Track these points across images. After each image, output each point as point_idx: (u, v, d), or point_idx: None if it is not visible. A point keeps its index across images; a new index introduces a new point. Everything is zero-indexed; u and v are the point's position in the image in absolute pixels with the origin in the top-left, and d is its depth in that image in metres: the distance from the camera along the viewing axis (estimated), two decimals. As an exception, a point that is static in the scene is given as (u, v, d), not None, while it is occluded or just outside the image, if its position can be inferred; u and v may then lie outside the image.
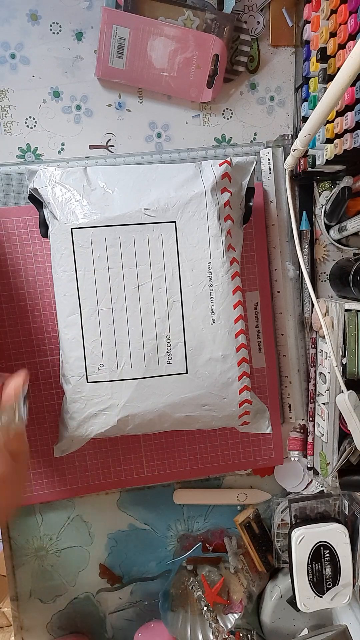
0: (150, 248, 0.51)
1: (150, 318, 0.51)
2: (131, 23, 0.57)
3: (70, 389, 0.53)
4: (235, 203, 0.54)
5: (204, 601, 0.68)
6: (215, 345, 0.52)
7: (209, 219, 0.51)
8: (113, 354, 0.52)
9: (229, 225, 0.53)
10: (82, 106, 0.61)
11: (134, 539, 0.69)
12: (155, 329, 0.52)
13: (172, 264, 0.51)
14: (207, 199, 0.51)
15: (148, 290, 0.51)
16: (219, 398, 0.53)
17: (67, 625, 0.70)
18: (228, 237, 0.53)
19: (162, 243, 0.51)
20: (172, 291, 0.52)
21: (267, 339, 0.65)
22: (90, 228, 0.50)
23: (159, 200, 0.51)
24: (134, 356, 0.52)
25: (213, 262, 0.52)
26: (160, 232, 0.51)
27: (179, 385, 0.52)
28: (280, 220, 0.64)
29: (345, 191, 0.59)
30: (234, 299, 0.53)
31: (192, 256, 0.51)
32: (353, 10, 0.49)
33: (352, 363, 0.57)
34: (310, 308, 0.65)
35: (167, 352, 0.52)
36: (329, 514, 0.68)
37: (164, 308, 0.52)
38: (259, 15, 0.61)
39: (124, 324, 0.51)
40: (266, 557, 0.70)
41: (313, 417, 0.65)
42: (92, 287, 0.51)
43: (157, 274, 0.51)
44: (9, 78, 0.59)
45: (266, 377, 0.65)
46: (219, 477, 0.69)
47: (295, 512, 0.67)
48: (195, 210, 0.51)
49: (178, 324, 0.52)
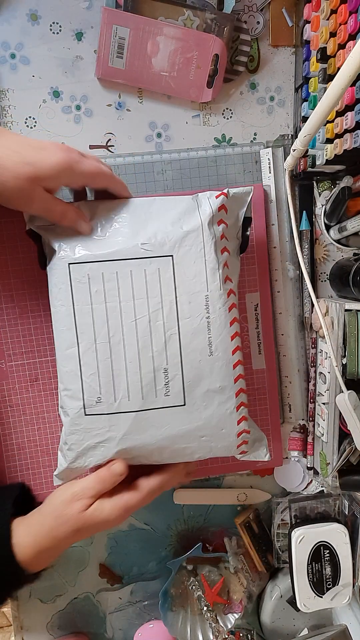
0: (147, 282, 0.51)
1: (148, 351, 0.51)
2: (131, 23, 0.57)
3: (68, 420, 0.53)
4: (231, 234, 0.54)
5: (204, 601, 0.68)
6: (213, 377, 0.52)
7: (205, 252, 0.51)
8: (110, 387, 0.52)
9: (225, 257, 0.53)
10: (82, 106, 0.61)
11: (134, 539, 0.69)
12: (153, 361, 0.51)
13: (169, 297, 0.51)
14: (204, 232, 0.51)
15: (145, 324, 0.51)
16: (217, 429, 0.53)
17: (67, 625, 0.70)
18: (225, 269, 0.53)
19: (159, 277, 0.51)
20: (170, 324, 0.51)
21: (267, 340, 0.65)
22: (88, 263, 0.50)
23: (156, 234, 0.51)
24: (132, 389, 0.52)
25: (210, 294, 0.52)
26: (158, 266, 0.51)
27: (177, 418, 0.52)
28: (280, 220, 0.64)
29: (345, 191, 0.59)
30: (231, 331, 0.53)
31: (189, 289, 0.51)
32: (353, 10, 0.49)
33: (352, 363, 0.57)
34: (310, 308, 0.65)
35: (165, 385, 0.52)
36: (329, 514, 0.68)
37: (161, 341, 0.51)
38: (259, 15, 0.61)
39: (122, 357, 0.51)
40: (266, 557, 0.70)
41: (313, 417, 0.65)
42: (90, 321, 0.51)
43: (155, 307, 0.51)
44: (9, 78, 0.59)
45: (266, 379, 0.65)
46: (219, 477, 0.69)
47: (295, 512, 0.67)
48: (192, 244, 0.51)
49: (175, 356, 0.52)
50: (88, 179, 0.51)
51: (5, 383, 0.62)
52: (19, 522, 0.53)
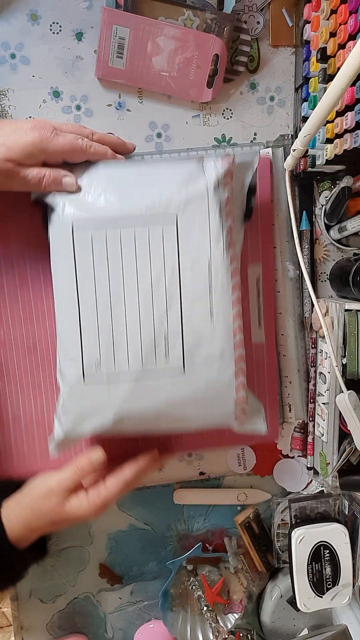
0: (150, 245, 0.50)
1: (149, 316, 0.51)
2: (131, 23, 0.57)
3: (66, 386, 0.52)
4: (236, 200, 0.54)
5: (204, 601, 0.68)
6: (213, 343, 0.52)
7: (210, 216, 0.51)
8: (110, 352, 0.51)
9: (229, 223, 0.52)
10: (82, 106, 0.61)
11: (134, 539, 0.69)
12: (154, 327, 0.51)
13: (172, 261, 0.51)
14: (209, 196, 0.51)
15: (147, 288, 0.51)
16: (215, 397, 0.53)
17: (67, 625, 0.70)
18: (229, 235, 0.52)
19: (162, 240, 0.51)
20: (172, 288, 0.51)
21: (268, 313, 0.63)
22: (91, 225, 0.50)
23: (160, 197, 0.50)
24: (132, 355, 0.51)
25: (213, 259, 0.51)
26: (161, 228, 0.50)
27: (176, 384, 0.52)
28: (280, 220, 0.64)
29: (345, 191, 0.59)
30: (232, 297, 0.52)
31: (192, 254, 0.51)
32: (353, 10, 0.49)
33: (352, 363, 0.57)
34: (310, 308, 0.65)
35: (165, 351, 0.52)
36: (329, 514, 0.68)
37: (162, 306, 0.51)
38: (259, 15, 0.61)
39: (123, 322, 0.51)
40: (266, 557, 0.70)
41: (313, 417, 0.65)
42: (91, 285, 0.51)
43: (157, 270, 0.51)
44: (9, 78, 0.59)
45: (265, 353, 0.64)
46: (218, 477, 0.69)
47: (295, 512, 0.67)
48: (197, 208, 0.51)
49: (176, 322, 0.51)
50: (64, 155, 0.51)
51: (2, 351, 0.61)
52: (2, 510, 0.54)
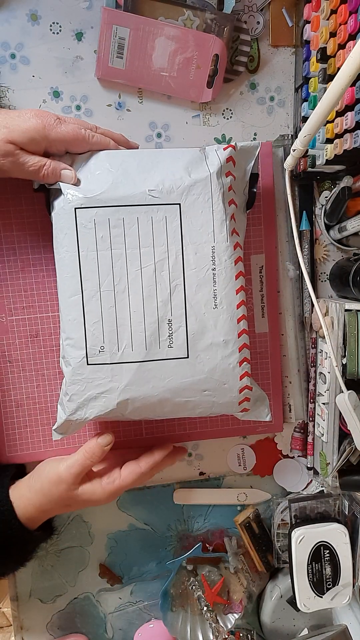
0: (154, 230, 0.51)
1: (153, 301, 0.51)
2: (131, 23, 0.57)
3: (69, 370, 0.52)
4: (239, 188, 0.54)
5: (204, 601, 0.68)
6: (217, 330, 0.52)
7: (213, 202, 0.51)
8: (114, 337, 0.51)
9: (233, 210, 0.53)
10: (82, 106, 0.61)
11: (134, 539, 0.69)
12: (157, 312, 0.51)
13: (175, 247, 0.51)
14: (213, 182, 0.51)
15: (151, 273, 0.51)
16: (219, 383, 0.53)
17: (67, 625, 0.70)
18: (232, 222, 0.52)
19: (165, 225, 0.51)
20: (175, 274, 0.51)
21: (271, 303, 0.64)
22: (94, 208, 0.50)
23: (163, 181, 0.51)
24: (135, 339, 0.51)
25: (217, 246, 0.51)
26: (165, 214, 0.51)
27: (180, 370, 0.52)
28: (280, 220, 0.64)
29: (345, 191, 0.59)
30: (236, 284, 0.52)
31: (195, 239, 0.51)
32: (353, 10, 0.49)
33: (352, 363, 0.57)
34: (310, 308, 0.65)
35: (169, 336, 0.52)
36: (329, 514, 0.68)
37: (166, 291, 0.51)
38: (259, 15, 0.61)
39: (126, 306, 0.51)
40: (266, 557, 0.70)
41: (313, 417, 0.65)
42: (95, 268, 0.50)
43: (160, 256, 0.51)
44: (9, 78, 0.59)
45: (269, 343, 0.64)
46: (218, 477, 0.69)
47: (295, 512, 0.67)
48: (200, 193, 0.51)
49: (180, 307, 0.51)
50: (66, 143, 0.51)
51: (5, 338, 0.61)
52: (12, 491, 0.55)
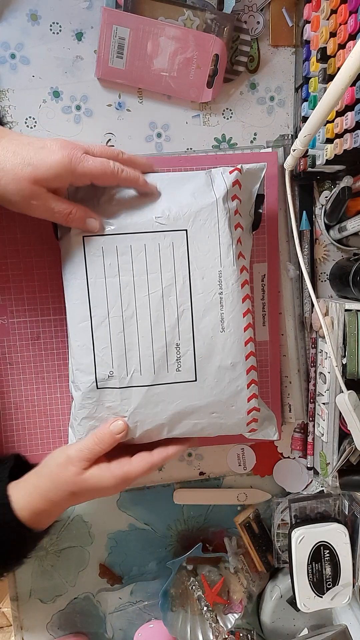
0: (161, 256, 0.51)
1: (160, 326, 0.52)
2: (131, 23, 0.57)
3: (79, 395, 0.53)
4: (245, 210, 0.54)
5: (204, 601, 0.68)
6: (224, 353, 0.52)
7: (220, 227, 0.51)
8: (123, 361, 0.52)
9: (239, 233, 0.53)
10: (82, 106, 0.61)
11: (134, 539, 0.69)
12: (165, 336, 0.52)
13: (182, 272, 0.51)
14: (219, 207, 0.51)
15: (158, 298, 0.51)
16: (227, 406, 0.54)
17: (67, 625, 0.70)
18: (238, 245, 0.53)
19: (173, 251, 0.51)
20: (183, 299, 0.52)
21: (272, 312, 0.64)
22: (102, 236, 0.50)
23: (170, 208, 0.51)
24: (144, 363, 0.52)
25: (223, 270, 0.52)
26: (172, 240, 0.51)
27: (188, 393, 0.53)
28: (280, 220, 0.64)
29: (345, 191, 0.59)
30: (243, 307, 0.53)
31: (202, 264, 0.52)
32: (353, 10, 0.49)
33: (352, 363, 0.57)
34: (310, 308, 0.65)
35: (177, 360, 0.52)
36: (329, 514, 0.68)
37: (174, 316, 0.52)
38: (259, 15, 0.61)
39: (135, 331, 0.51)
40: (266, 557, 0.70)
41: (313, 417, 0.65)
42: (103, 294, 0.51)
43: (168, 282, 0.51)
44: (9, 78, 0.59)
45: (269, 351, 0.64)
46: (218, 477, 0.69)
47: (295, 512, 0.67)
48: (206, 218, 0.51)
49: (188, 331, 0.52)
50: (93, 178, 0.49)
51: (6, 340, 0.61)
52: (14, 485, 0.52)
